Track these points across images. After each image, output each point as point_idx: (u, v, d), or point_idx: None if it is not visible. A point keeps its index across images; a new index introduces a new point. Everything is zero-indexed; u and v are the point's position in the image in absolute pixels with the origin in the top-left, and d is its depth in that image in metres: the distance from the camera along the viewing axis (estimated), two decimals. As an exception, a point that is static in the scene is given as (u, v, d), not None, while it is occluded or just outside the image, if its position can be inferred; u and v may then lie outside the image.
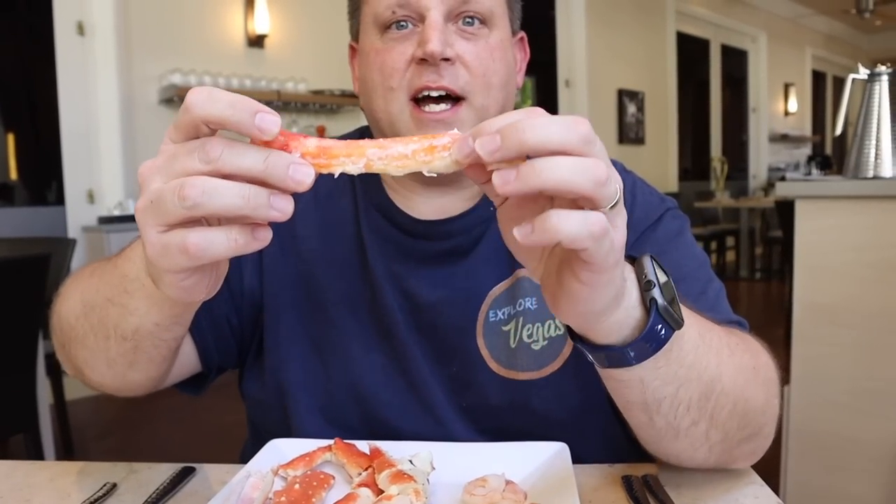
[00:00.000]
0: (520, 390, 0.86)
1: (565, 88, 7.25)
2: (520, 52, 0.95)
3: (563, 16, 7.20)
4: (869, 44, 13.32)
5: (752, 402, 0.70)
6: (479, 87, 0.81)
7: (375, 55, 0.83)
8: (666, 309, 0.59)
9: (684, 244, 0.88)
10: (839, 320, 2.00)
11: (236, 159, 0.49)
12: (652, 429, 0.68)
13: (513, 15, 0.89)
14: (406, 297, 0.88)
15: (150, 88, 4.31)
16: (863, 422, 1.97)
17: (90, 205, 4.18)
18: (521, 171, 0.47)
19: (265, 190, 0.49)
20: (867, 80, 2.04)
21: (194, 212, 0.49)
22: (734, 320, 0.83)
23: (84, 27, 4.11)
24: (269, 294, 0.91)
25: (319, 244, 0.92)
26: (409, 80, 0.81)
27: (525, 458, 0.75)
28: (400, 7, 0.81)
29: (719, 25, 9.48)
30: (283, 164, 0.49)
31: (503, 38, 0.85)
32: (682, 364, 0.63)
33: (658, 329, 0.59)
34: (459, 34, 0.81)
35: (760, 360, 0.74)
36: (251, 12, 4.69)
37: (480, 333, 0.87)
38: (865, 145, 2.01)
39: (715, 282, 0.87)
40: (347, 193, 0.93)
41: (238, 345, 0.93)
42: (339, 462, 0.77)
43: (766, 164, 10.47)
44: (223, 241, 0.50)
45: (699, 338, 0.65)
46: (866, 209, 1.93)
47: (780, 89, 10.94)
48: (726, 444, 0.71)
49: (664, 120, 8.41)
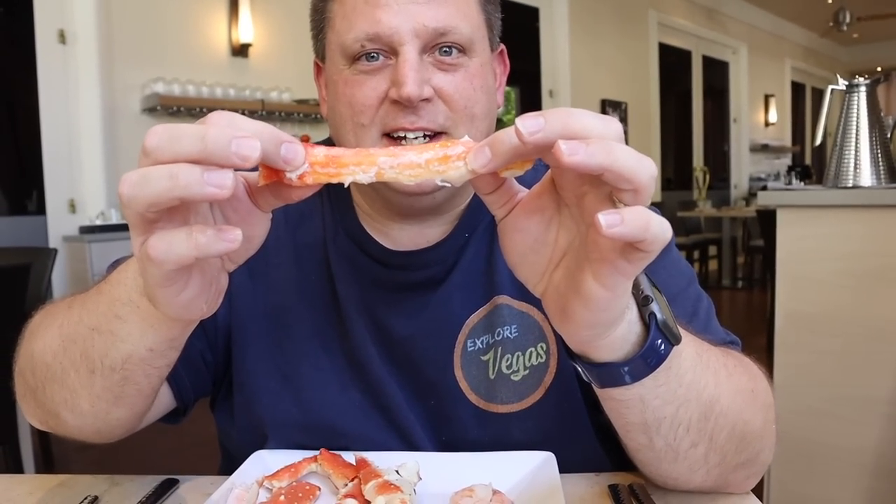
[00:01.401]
0: (500, 423, 0.83)
1: (549, 98, 7.29)
2: (499, 66, 0.89)
3: (547, 26, 7.25)
4: (847, 56, 13.52)
5: (750, 424, 0.69)
6: (460, 121, 0.76)
7: (344, 86, 0.77)
8: (665, 323, 0.58)
9: (672, 261, 0.85)
10: (820, 329, 2.02)
11: (174, 145, 0.47)
12: (651, 451, 0.67)
13: (492, 33, 0.84)
14: (379, 329, 0.84)
15: (132, 97, 4.28)
16: (844, 429, 1.98)
17: (71, 214, 4.14)
18: (591, 146, 0.45)
19: (196, 166, 0.46)
20: (846, 91, 2.07)
21: (133, 208, 0.48)
22: (728, 340, 0.81)
23: (66, 35, 4.08)
24: (238, 327, 0.87)
25: (291, 271, 0.88)
26: (381, 118, 0.75)
27: (512, 467, 0.75)
28: (370, 41, 0.74)
29: (701, 37, 9.59)
30: (224, 140, 0.45)
31: (483, 62, 0.80)
32: (682, 383, 0.62)
33: (658, 344, 0.58)
34: (437, 66, 0.76)
35: (759, 384, 0.73)
36: (235, 21, 4.69)
37: (458, 365, 0.84)
38: (845, 155, 2.04)
39: (704, 299, 0.85)
40: (316, 214, 0.89)
41: (213, 380, 0.90)
42: (324, 473, 0.76)
43: (747, 174, 10.58)
44: (183, 241, 0.48)
45: (697, 356, 0.64)
46: (846, 218, 1.96)
47: (761, 100, 11.08)
48: (723, 467, 0.69)
49: (647, 130, 8.48)
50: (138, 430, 0.83)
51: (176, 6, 4.45)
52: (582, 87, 7.38)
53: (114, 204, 4.13)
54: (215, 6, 4.64)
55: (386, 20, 0.73)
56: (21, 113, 4.25)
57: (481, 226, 0.86)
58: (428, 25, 0.73)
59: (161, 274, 0.51)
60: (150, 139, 0.48)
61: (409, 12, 0.73)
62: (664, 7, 8.70)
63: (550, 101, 7.28)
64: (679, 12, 9.01)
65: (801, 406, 2.06)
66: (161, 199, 0.47)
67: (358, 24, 0.74)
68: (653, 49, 8.54)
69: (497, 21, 0.85)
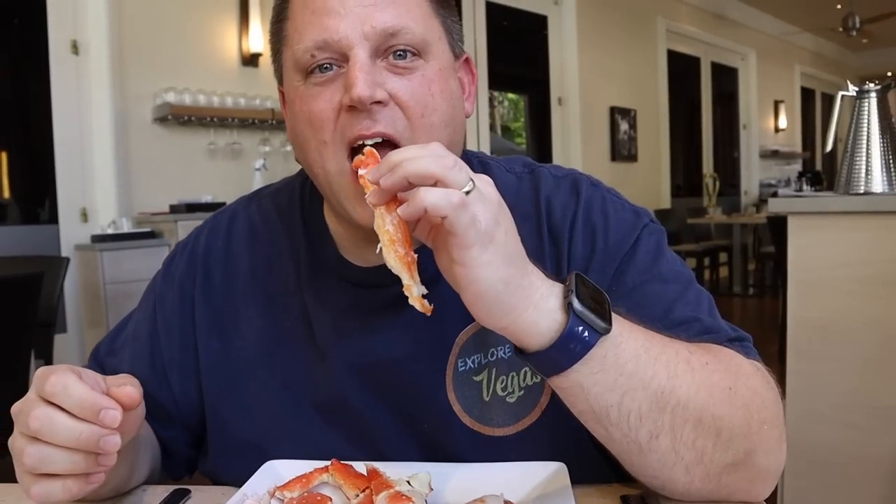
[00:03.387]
0: (495, 446, 0.80)
1: (558, 106, 7.30)
2: (466, 76, 0.86)
3: (555, 34, 7.26)
4: (856, 61, 13.48)
5: (725, 420, 0.68)
6: (419, 129, 0.74)
7: (301, 103, 0.75)
8: (583, 312, 0.63)
9: (666, 264, 0.83)
10: (833, 336, 2.01)
11: (53, 436, 0.62)
12: (613, 442, 0.68)
13: (452, 38, 0.81)
14: (363, 357, 0.82)
15: (143, 107, 4.31)
16: (859, 437, 1.97)
17: (83, 223, 4.17)
18: (392, 170, 0.60)
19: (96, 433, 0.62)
20: (856, 96, 2.06)
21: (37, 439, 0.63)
22: (733, 337, 0.79)
23: (78, 46, 4.12)
24: (212, 393, 0.87)
25: (263, 322, 0.87)
26: (341, 131, 0.73)
27: (523, 478, 0.74)
28: (319, 50, 0.73)
29: (709, 44, 9.58)
30: (94, 440, 0.62)
31: (442, 67, 0.77)
32: (622, 372, 0.65)
33: (579, 331, 0.63)
34: (391, 70, 0.74)
35: (742, 382, 0.71)
36: (245, 31, 4.72)
37: (451, 387, 0.81)
38: (856, 161, 2.03)
39: (704, 300, 0.82)
40: (288, 258, 0.88)
41: (196, 442, 0.93)
42: (336, 483, 0.76)
43: (757, 181, 10.54)
44: (59, 490, 0.63)
45: (643, 349, 0.66)
46: (858, 225, 1.95)
47: (770, 106, 11.05)
48: (706, 466, 0.68)
49: (656, 137, 8.47)
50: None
51: (187, 17, 4.49)
52: (590, 94, 7.38)
53: (125, 213, 4.16)
54: (226, 16, 4.67)
55: (333, 26, 0.72)
56: (34, 123, 4.28)
57: None
58: (376, 27, 0.72)
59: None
60: (32, 423, 0.63)
61: (357, 15, 0.72)
62: (672, 14, 8.70)
63: (559, 108, 7.29)
64: (687, 19, 9.01)
65: (814, 414, 2.04)
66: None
67: (308, 34, 0.74)
68: (661, 56, 8.53)
69: (456, 27, 0.82)
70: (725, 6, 9.61)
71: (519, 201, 0.86)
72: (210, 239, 0.93)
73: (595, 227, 0.83)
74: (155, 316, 0.91)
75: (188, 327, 0.89)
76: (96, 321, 3.84)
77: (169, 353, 0.89)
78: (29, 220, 4.35)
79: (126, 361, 0.90)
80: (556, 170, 0.90)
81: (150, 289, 0.95)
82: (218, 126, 4.55)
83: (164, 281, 0.93)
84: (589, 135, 7.38)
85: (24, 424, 0.63)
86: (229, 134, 4.63)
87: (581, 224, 0.83)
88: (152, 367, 0.89)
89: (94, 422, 0.62)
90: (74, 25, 4.11)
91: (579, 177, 0.89)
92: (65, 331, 4.03)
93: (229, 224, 0.94)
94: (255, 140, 4.75)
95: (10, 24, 4.30)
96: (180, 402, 0.88)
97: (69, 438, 0.62)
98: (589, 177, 0.90)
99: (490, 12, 6.54)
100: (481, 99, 6.50)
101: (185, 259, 0.93)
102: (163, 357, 0.89)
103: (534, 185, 0.87)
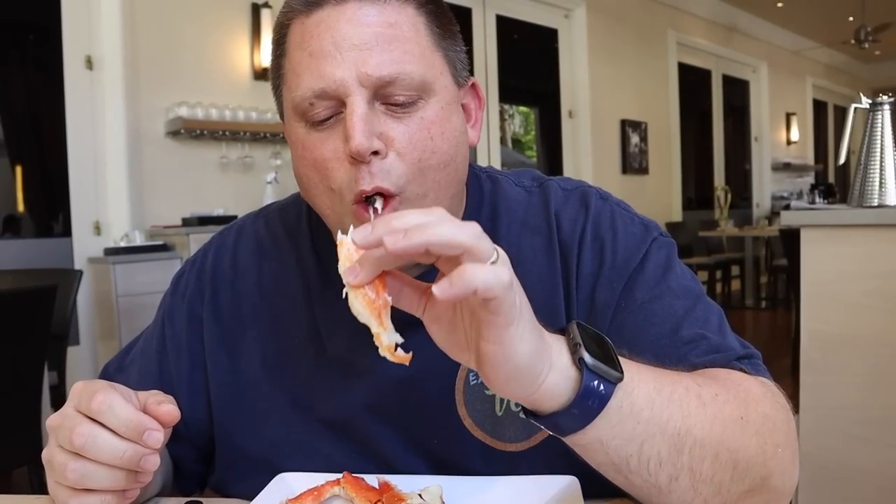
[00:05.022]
0: (507, 461, 0.80)
1: (568, 119, 7.30)
2: (473, 101, 0.84)
3: (566, 47, 7.28)
4: (869, 73, 13.43)
5: (740, 452, 0.67)
6: (413, 177, 0.73)
7: (304, 149, 0.75)
8: (596, 365, 0.59)
9: (675, 279, 0.82)
10: (847, 349, 1.99)
11: (97, 453, 0.64)
12: (632, 488, 0.66)
13: (455, 69, 0.79)
14: (374, 371, 0.81)
15: (156, 121, 4.35)
16: (873, 453, 1.95)
17: (96, 236, 4.19)
18: (409, 232, 0.52)
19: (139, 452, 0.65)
20: (869, 109, 2.05)
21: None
22: (742, 355, 0.78)
23: (93, 61, 4.16)
24: (220, 410, 0.87)
25: (270, 342, 0.87)
26: (348, 183, 0.72)
27: (535, 491, 0.74)
28: (318, 98, 0.72)
29: (720, 56, 9.57)
30: (136, 459, 0.65)
31: (444, 104, 0.75)
32: (639, 420, 0.62)
33: (595, 386, 0.59)
34: (389, 114, 0.72)
35: (752, 408, 0.70)
36: (257, 46, 4.76)
37: (462, 402, 0.80)
38: (869, 174, 2.02)
39: (714, 315, 0.81)
40: (296, 274, 0.88)
41: (207, 458, 0.93)
42: (347, 496, 0.76)
43: (769, 193, 10.49)
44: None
45: (655, 392, 0.64)
46: (872, 237, 1.94)
47: (782, 118, 11.01)
48: (722, 497, 0.67)
49: (667, 150, 8.46)
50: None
51: (199, 32, 4.53)
52: (601, 107, 7.39)
53: (138, 226, 4.19)
54: (238, 32, 4.71)
55: (329, 72, 0.71)
56: (48, 137, 4.33)
57: None
58: (372, 75, 0.71)
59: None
60: (76, 439, 0.64)
61: (353, 60, 0.71)
62: (683, 27, 8.71)
63: (570, 121, 7.29)
64: (698, 32, 9.01)
65: (828, 429, 2.02)
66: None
67: (305, 81, 0.73)
68: (672, 68, 8.53)
69: (459, 55, 0.80)
70: (736, 18, 9.61)
71: (529, 216, 0.85)
72: (217, 256, 0.94)
73: (604, 241, 0.83)
74: (164, 333, 0.92)
75: (197, 345, 0.90)
76: (109, 333, 3.85)
77: (178, 370, 0.90)
78: (43, 233, 4.39)
79: (134, 377, 0.90)
80: (565, 182, 0.90)
81: (159, 306, 0.96)
82: (230, 140, 4.58)
83: (172, 298, 0.94)
84: (599, 147, 7.38)
85: (66, 440, 0.64)
86: (241, 147, 4.66)
87: (590, 238, 0.83)
88: (161, 383, 0.89)
89: (138, 442, 0.64)
90: (89, 41, 4.15)
91: (588, 190, 0.89)
92: (77, 343, 4.05)
93: (236, 240, 0.94)
94: (267, 153, 4.78)
95: (26, 40, 4.36)
96: (189, 420, 0.88)
97: (113, 457, 0.63)
98: (598, 189, 0.89)
99: (501, 26, 6.57)
100: (492, 112, 6.51)
101: (194, 276, 0.93)
102: (171, 374, 0.90)
103: (543, 198, 0.87)
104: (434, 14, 0.77)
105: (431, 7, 0.77)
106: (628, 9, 7.79)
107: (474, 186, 0.88)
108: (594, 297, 0.81)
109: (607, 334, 0.79)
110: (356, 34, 0.71)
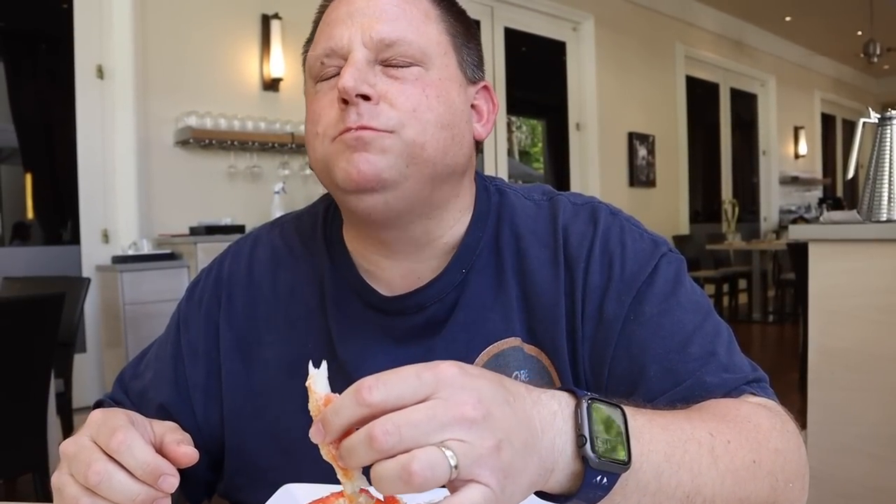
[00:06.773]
0: None
1: (576, 132, 7.32)
2: (486, 104, 0.86)
3: (574, 60, 7.31)
4: (877, 87, 13.41)
5: (752, 497, 0.66)
6: (408, 121, 0.74)
7: (309, 104, 0.80)
8: (601, 463, 0.56)
9: (685, 294, 0.81)
10: (855, 364, 1.98)
11: (111, 493, 0.61)
12: None
13: (463, 60, 0.81)
14: None
15: (166, 130, 4.38)
16: (881, 469, 1.93)
17: (105, 244, 4.22)
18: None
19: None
20: (878, 123, 2.05)
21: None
22: (751, 379, 0.77)
23: (104, 70, 4.20)
24: (232, 416, 0.88)
25: (284, 348, 0.87)
26: (335, 124, 0.75)
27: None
28: (327, 57, 0.77)
29: (728, 69, 9.59)
30: (149, 502, 0.61)
31: (444, 78, 0.78)
32: (646, 492, 0.60)
33: (598, 480, 0.56)
34: (385, 74, 0.75)
35: (766, 446, 0.69)
36: (267, 57, 4.79)
37: None
38: (878, 188, 2.01)
39: (723, 332, 0.81)
40: (311, 282, 0.88)
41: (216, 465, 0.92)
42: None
43: (777, 207, 10.47)
44: None
45: (665, 460, 0.62)
46: (881, 252, 1.93)
47: (790, 132, 11.00)
48: None
49: (675, 163, 8.45)
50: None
51: (209, 42, 4.57)
52: (609, 120, 7.40)
53: (146, 234, 4.21)
54: (247, 42, 4.75)
55: (339, 34, 0.76)
56: (58, 145, 4.36)
57: (479, 262, 0.84)
58: (374, 37, 0.75)
59: None
60: (91, 476, 0.62)
61: (361, 24, 0.76)
62: (691, 40, 8.73)
63: (577, 133, 7.30)
64: (706, 45, 9.03)
65: (835, 444, 2.00)
66: None
67: (320, 44, 0.78)
68: (680, 82, 8.54)
69: (470, 51, 0.83)
70: (744, 32, 9.63)
71: (537, 228, 0.85)
72: (233, 264, 0.94)
73: (612, 255, 0.82)
74: (179, 339, 0.92)
75: (213, 352, 0.90)
76: (115, 341, 3.86)
77: (194, 376, 0.90)
78: (52, 240, 4.41)
79: (149, 383, 0.91)
80: (575, 197, 0.90)
81: (173, 314, 0.96)
82: (238, 150, 4.61)
83: (188, 304, 0.94)
84: (607, 160, 7.39)
85: (81, 475, 0.63)
86: (249, 157, 4.68)
87: (598, 253, 0.82)
88: (176, 389, 0.89)
89: (152, 486, 0.64)
90: (100, 50, 4.19)
91: (598, 205, 0.88)
92: (84, 350, 4.07)
93: (252, 249, 0.95)
94: (275, 163, 4.80)
95: (38, 50, 4.40)
96: (202, 426, 0.88)
97: (126, 499, 0.63)
98: (608, 205, 0.89)
99: (509, 38, 6.60)
100: (499, 124, 6.53)
101: (211, 283, 0.94)
102: (187, 380, 0.90)
103: (552, 212, 0.87)
104: (449, 10, 0.82)
105: (447, 4, 0.82)
106: (636, 22, 7.82)
107: (482, 196, 0.88)
108: (602, 311, 0.81)
109: (615, 347, 0.78)
110: (369, 5, 0.77)
